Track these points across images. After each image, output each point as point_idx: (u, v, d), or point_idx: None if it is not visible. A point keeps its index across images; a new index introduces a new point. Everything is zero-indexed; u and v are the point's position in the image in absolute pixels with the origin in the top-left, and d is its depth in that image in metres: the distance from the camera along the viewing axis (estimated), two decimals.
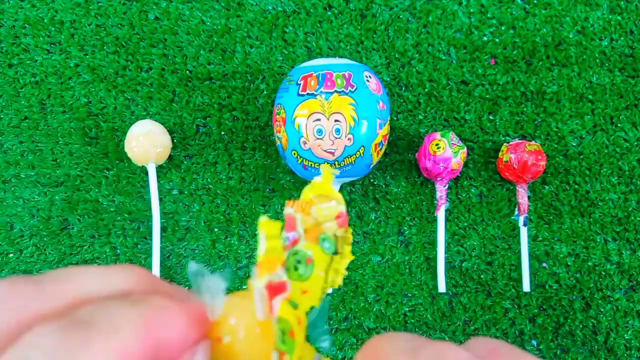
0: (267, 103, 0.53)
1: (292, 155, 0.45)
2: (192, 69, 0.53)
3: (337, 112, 0.43)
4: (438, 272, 0.50)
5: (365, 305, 0.51)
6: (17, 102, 0.54)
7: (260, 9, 0.53)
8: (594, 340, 0.50)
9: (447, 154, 0.47)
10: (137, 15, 0.54)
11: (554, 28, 0.52)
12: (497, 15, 0.52)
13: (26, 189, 0.53)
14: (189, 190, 0.53)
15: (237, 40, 0.53)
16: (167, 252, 0.52)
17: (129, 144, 0.49)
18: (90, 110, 0.54)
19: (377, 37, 0.53)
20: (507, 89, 0.52)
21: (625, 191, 0.51)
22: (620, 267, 0.50)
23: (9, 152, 0.54)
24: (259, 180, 0.53)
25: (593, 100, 0.52)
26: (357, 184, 0.52)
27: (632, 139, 0.51)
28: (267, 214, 0.52)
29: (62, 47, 0.54)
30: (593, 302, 0.50)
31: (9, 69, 0.54)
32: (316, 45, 0.53)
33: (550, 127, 0.52)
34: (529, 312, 0.50)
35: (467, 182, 0.52)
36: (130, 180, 0.53)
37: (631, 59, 0.52)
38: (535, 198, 0.51)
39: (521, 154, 0.47)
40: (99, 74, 0.54)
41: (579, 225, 0.51)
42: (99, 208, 0.53)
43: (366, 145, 0.44)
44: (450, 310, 0.51)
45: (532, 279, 0.50)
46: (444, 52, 0.52)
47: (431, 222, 0.51)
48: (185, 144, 0.53)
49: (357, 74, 0.44)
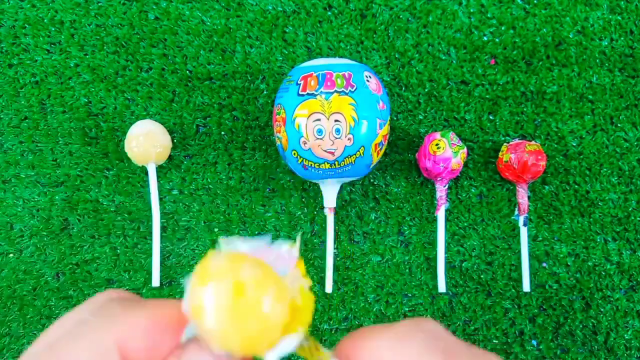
0: (267, 103, 0.53)
1: (292, 155, 0.45)
2: (192, 69, 0.53)
3: (337, 112, 0.43)
4: (438, 272, 0.50)
5: (365, 305, 0.51)
6: (17, 102, 0.54)
7: (260, 9, 0.53)
8: (594, 340, 0.50)
9: (447, 154, 0.47)
10: (137, 15, 0.54)
11: (554, 28, 0.52)
12: (497, 15, 0.52)
13: (26, 189, 0.53)
14: (189, 190, 0.53)
15: (237, 40, 0.53)
16: (167, 252, 0.52)
17: (129, 144, 0.49)
18: (90, 110, 0.54)
19: (377, 37, 0.53)
20: (507, 89, 0.52)
21: (625, 191, 0.51)
22: (620, 267, 0.50)
23: (9, 152, 0.54)
24: (259, 180, 0.53)
25: (593, 100, 0.52)
26: (357, 184, 0.52)
27: (632, 139, 0.51)
28: (267, 214, 0.52)
29: (62, 47, 0.54)
30: (593, 302, 0.50)
31: (9, 69, 0.54)
32: (316, 45, 0.53)
33: (550, 127, 0.52)
34: (529, 312, 0.50)
35: (467, 182, 0.52)
36: (130, 180, 0.53)
37: (631, 59, 0.52)
38: (535, 198, 0.51)
39: (521, 154, 0.47)
40: (99, 74, 0.54)
41: (579, 225, 0.51)
42: (99, 208, 0.53)
43: (366, 145, 0.44)
44: (450, 310, 0.51)
45: (532, 279, 0.50)
46: (444, 52, 0.52)
47: (431, 222, 0.51)
48: (185, 144, 0.53)
49: (357, 74, 0.44)
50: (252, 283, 0.17)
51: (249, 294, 0.16)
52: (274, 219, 0.52)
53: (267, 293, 0.17)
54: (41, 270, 0.52)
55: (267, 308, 0.17)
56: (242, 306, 0.16)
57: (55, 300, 0.52)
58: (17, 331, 0.52)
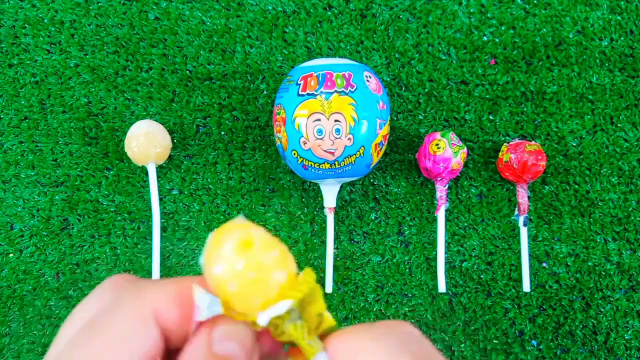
0: (267, 103, 0.53)
1: (292, 155, 0.45)
2: (192, 69, 0.53)
3: (337, 112, 0.43)
4: (438, 272, 0.50)
5: (366, 305, 0.51)
6: (17, 102, 0.54)
7: (260, 9, 0.53)
8: (594, 340, 0.50)
9: (447, 154, 0.47)
10: (137, 15, 0.54)
11: (554, 28, 0.52)
12: (497, 15, 0.52)
13: (26, 189, 0.53)
14: (189, 190, 0.53)
15: (237, 40, 0.53)
16: (167, 252, 0.52)
17: (129, 144, 0.49)
18: (90, 110, 0.54)
19: (377, 37, 0.53)
20: (507, 89, 0.52)
21: (625, 191, 0.51)
22: (620, 267, 0.50)
23: (9, 152, 0.54)
24: (259, 180, 0.53)
25: (593, 100, 0.52)
26: (357, 184, 0.52)
27: (632, 139, 0.51)
28: (267, 214, 0.52)
29: (62, 47, 0.54)
30: (593, 302, 0.50)
31: (9, 69, 0.54)
32: (316, 45, 0.53)
33: (550, 127, 0.52)
34: (529, 312, 0.50)
35: (467, 182, 0.52)
36: (130, 180, 0.53)
37: (631, 59, 0.52)
38: (535, 198, 0.51)
39: (521, 154, 0.47)
40: (99, 74, 0.54)
41: (579, 225, 0.51)
42: (99, 208, 0.53)
43: (366, 145, 0.44)
44: (450, 310, 0.51)
45: (532, 279, 0.50)
46: (444, 52, 0.52)
47: (431, 222, 0.51)
48: (185, 144, 0.53)
49: (357, 74, 0.44)
50: (259, 240, 0.19)
51: (254, 248, 0.18)
52: (274, 219, 0.52)
53: (271, 252, 0.19)
54: (41, 270, 0.52)
55: (269, 264, 0.18)
56: (247, 258, 0.18)
57: (55, 300, 0.52)
58: (17, 331, 0.52)
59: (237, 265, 0.18)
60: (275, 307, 0.18)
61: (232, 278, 0.18)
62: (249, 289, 0.18)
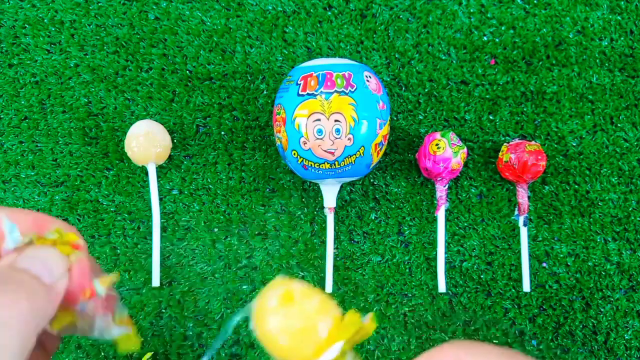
0: (267, 103, 0.53)
1: (292, 155, 0.45)
2: (192, 69, 0.53)
3: (337, 112, 0.43)
4: (438, 272, 0.50)
5: (365, 305, 0.51)
6: (17, 102, 0.54)
7: (260, 9, 0.53)
8: (594, 340, 0.50)
9: (447, 154, 0.47)
10: (137, 15, 0.54)
11: (554, 28, 0.52)
12: (497, 15, 0.52)
13: (26, 189, 0.53)
14: (189, 190, 0.53)
15: (237, 40, 0.53)
16: (167, 252, 0.52)
17: (129, 144, 0.49)
18: (90, 110, 0.54)
19: (377, 37, 0.53)
20: (507, 89, 0.52)
21: (625, 191, 0.51)
22: (620, 267, 0.50)
23: (9, 152, 0.54)
24: (259, 180, 0.53)
25: (593, 100, 0.52)
26: (357, 184, 0.52)
27: (632, 139, 0.51)
28: (267, 214, 0.52)
29: (62, 47, 0.54)
30: (593, 302, 0.50)
31: (9, 69, 0.54)
32: (316, 45, 0.53)
33: (550, 127, 0.52)
34: (529, 312, 0.50)
35: (467, 182, 0.52)
36: (130, 180, 0.53)
37: (631, 59, 0.52)
38: (535, 198, 0.51)
39: (521, 154, 0.47)
40: (99, 74, 0.54)
41: (579, 225, 0.51)
42: (99, 208, 0.53)
43: (366, 145, 0.44)
44: (450, 310, 0.51)
45: (532, 279, 0.50)
46: (444, 52, 0.52)
47: (431, 222, 0.51)
48: (185, 144, 0.53)
49: (357, 74, 0.44)
50: (299, 292, 0.20)
51: (296, 299, 0.20)
52: (274, 219, 0.52)
53: (312, 300, 0.20)
54: None
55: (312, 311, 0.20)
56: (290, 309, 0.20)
57: None
58: None
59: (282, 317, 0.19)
60: (328, 352, 0.20)
61: (281, 331, 0.19)
62: (298, 338, 0.19)
